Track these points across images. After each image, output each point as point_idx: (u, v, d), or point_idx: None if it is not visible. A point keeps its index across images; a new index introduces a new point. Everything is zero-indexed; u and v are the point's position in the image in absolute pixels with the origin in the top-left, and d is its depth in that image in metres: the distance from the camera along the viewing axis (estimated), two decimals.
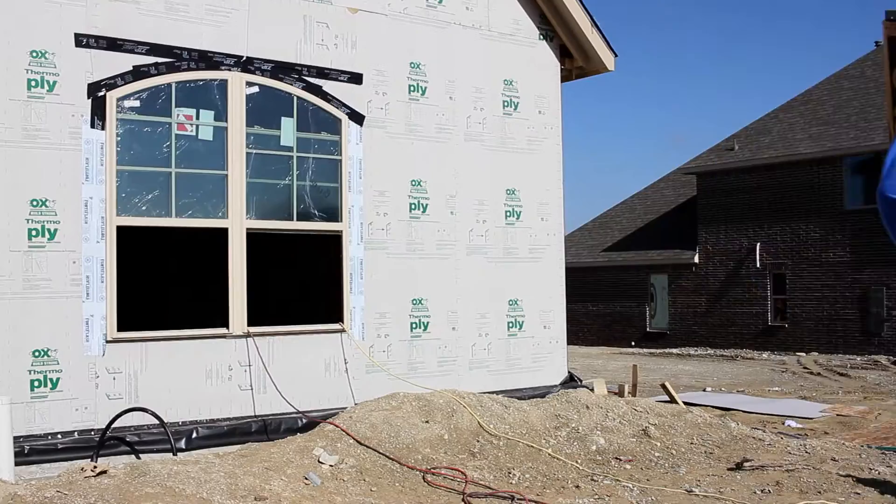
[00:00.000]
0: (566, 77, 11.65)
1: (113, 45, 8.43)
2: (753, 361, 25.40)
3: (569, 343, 11.57)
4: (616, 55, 11.48)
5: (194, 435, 8.55)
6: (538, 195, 11.08)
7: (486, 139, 10.69)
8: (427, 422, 8.80)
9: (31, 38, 8.06)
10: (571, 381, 11.25)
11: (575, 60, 11.48)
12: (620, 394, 13.21)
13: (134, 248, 9.80)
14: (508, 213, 10.82)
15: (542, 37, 11.21)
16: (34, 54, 8.08)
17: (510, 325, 10.75)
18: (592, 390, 11.23)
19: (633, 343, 32.01)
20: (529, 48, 11.11)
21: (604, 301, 33.24)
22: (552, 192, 11.23)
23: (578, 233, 36.33)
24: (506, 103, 10.87)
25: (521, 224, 10.92)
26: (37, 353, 7.99)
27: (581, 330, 32.49)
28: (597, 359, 26.07)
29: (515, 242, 10.86)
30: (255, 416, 8.94)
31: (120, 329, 8.40)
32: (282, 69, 9.29)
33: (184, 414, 8.59)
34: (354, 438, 8.33)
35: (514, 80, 10.93)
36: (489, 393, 9.98)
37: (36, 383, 7.99)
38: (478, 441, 8.77)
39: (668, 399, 13.15)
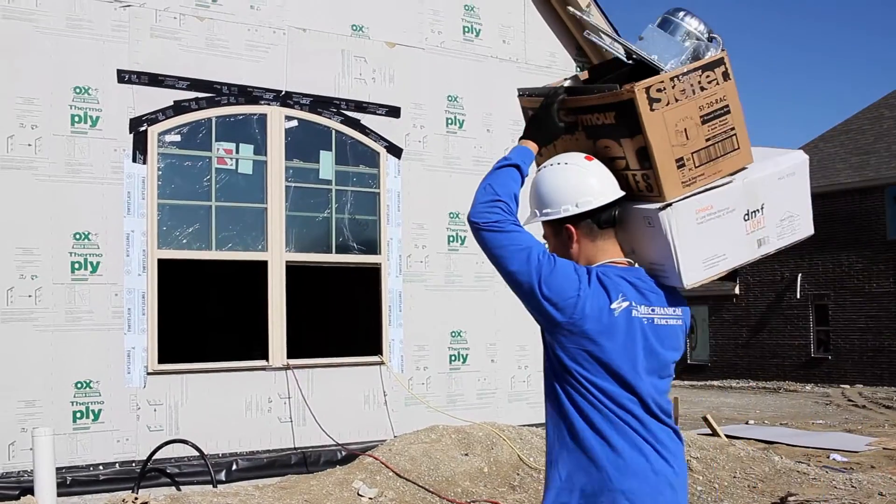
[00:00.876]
0: None
1: (154, 80, 8.55)
2: (796, 394, 25.11)
3: None
4: None
5: (234, 467, 8.57)
6: None
7: None
8: (466, 454, 8.77)
9: (74, 74, 8.21)
10: None
11: None
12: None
13: (174, 280, 9.89)
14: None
15: (579, 69, 11.23)
16: (77, 90, 8.21)
17: None
18: None
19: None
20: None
21: None
22: None
23: None
24: None
25: None
26: (79, 385, 8.06)
27: None
28: None
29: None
30: (295, 449, 8.94)
31: (161, 361, 8.46)
32: (320, 103, 9.38)
33: (224, 446, 8.62)
34: (394, 471, 8.30)
35: None
36: (529, 426, 9.93)
37: (78, 415, 8.06)
38: (517, 474, 8.72)
39: (710, 432, 13.00)
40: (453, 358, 10.02)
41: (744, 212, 3.43)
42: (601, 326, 3.16)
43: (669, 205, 3.29)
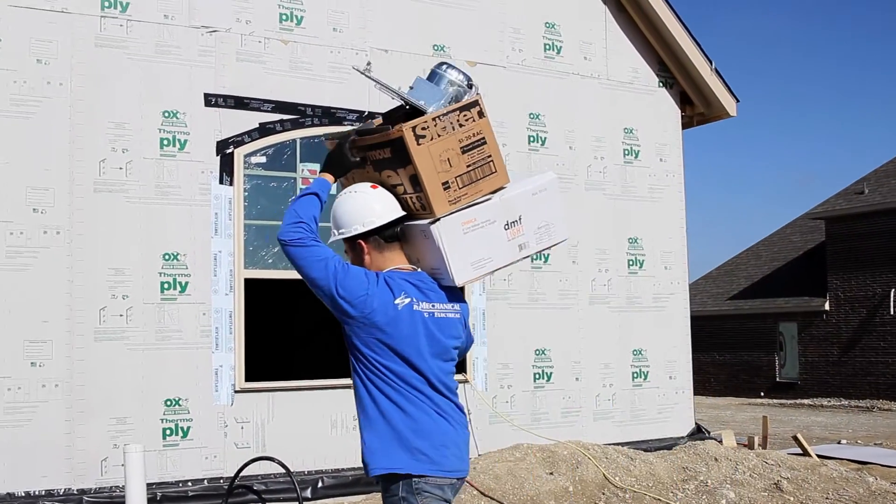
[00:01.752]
0: (687, 123, 11.55)
1: (240, 103, 8.71)
2: (891, 413, 24.44)
3: (695, 393, 11.34)
4: (738, 100, 11.33)
5: (320, 484, 8.64)
6: (661, 243, 10.96)
7: (607, 188, 10.64)
8: (551, 473, 8.72)
9: (163, 98, 8.40)
10: (699, 433, 11.01)
11: (695, 106, 11.37)
12: (750, 446, 12.84)
13: (260, 299, 10.03)
14: (631, 262, 10.71)
15: (661, 84, 11.15)
16: (166, 114, 8.40)
17: (634, 375, 10.60)
18: (721, 442, 10.97)
19: (761, 394, 31.15)
20: (649, 96, 11.06)
21: (730, 350, 32.48)
22: (675, 240, 11.09)
23: (703, 281, 35.68)
24: (626, 151, 10.82)
25: (644, 273, 10.80)
26: (168, 403, 8.22)
27: (707, 380, 31.79)
28: (724, 410, 25.45)
29: (639, 291, 10.73)
30: None
31: (248, 379, 8.58)
32: None
33: (309, 463, 8.70)
34: (478, 490, 8.29)
35: (634, 129, 10.88)
36: (614, 444, 9.83)
37: (168, 432, 8.21)
38: (603, 493, 8.63)
39: (801, 452, 12.72)
40: (537, 376, 9.97)
41: (504, 223, 4.19)
42: (387, 319, 3.91)
43: (439, 219, 4.03)
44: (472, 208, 4.12)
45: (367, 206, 4.10)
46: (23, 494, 7.63)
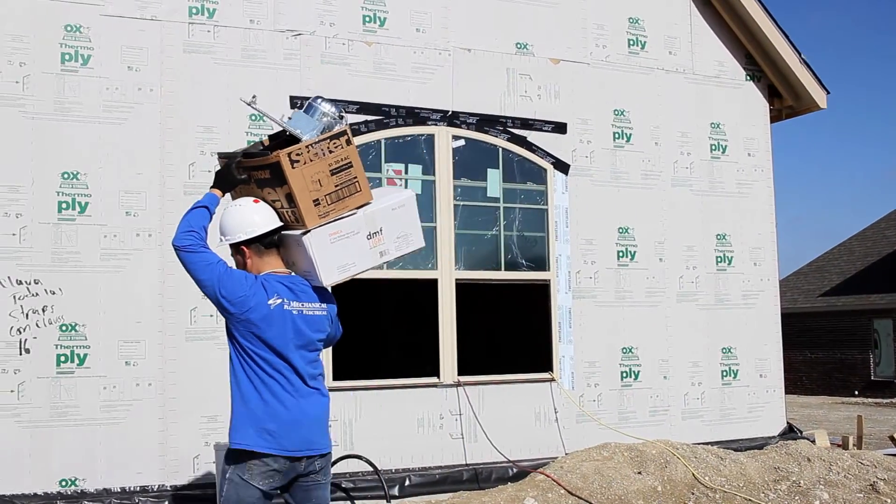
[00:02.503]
0: (775, 117, 11.33)
1: None
2: None
3: (786, 392, 11.12)
4: (828, 92, 11.08)
5: (407, 483, 8.69)
6: (750, 239, 10.78)
7: (694, 184, 10.50)
8: (639, 473, 8.64)
9: None
10: (790, 432, 10.80)
11: (784, 100, 11.15)
12: (844, 446, 12.56)
13: (346, 299, 10.10)
14: (719, 259, 10.56)
15: (748, 77, 10.96)
16: (253, 118, 8.53)
17: (724, 373, 10.45)
18: (813, 442, 10.75)
19: (855, 392, 30.44)
20: (735, 90, 10.88)
21: (822, 348, 31.80)
22: (764, 235, 10.90)
23: (793, 277, 35.00)
24: (713, 147, 10.66)
25: (732, 270, 10.63)
26: None
27: (799, 379, 31.17)
28: (817, 409, 24.93)
29: (727, 288, 10.57)
30: (466, 465, 9.00)
31: (336, 378, 8.67)
32: (486, 122, 9.45)
33: (396, 462, 8.75)
34: (565, 489, 8.25)
35: (721, 123, 10.72)
36: (703, 444, 9.70)
37: None
38: (692, 493, 8.52)
39: None
40: (624, 374, 9.89)
41: (367, 233, 4.96)
42: (261, 316, 4.65)
43: (310, 231, 4.78)
44: (339, 221, 4.88)
45: (249, 217, 4.84)
46: (119, 490, 7.82)
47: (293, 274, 4.95)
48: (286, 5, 8.75)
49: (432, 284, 9.16)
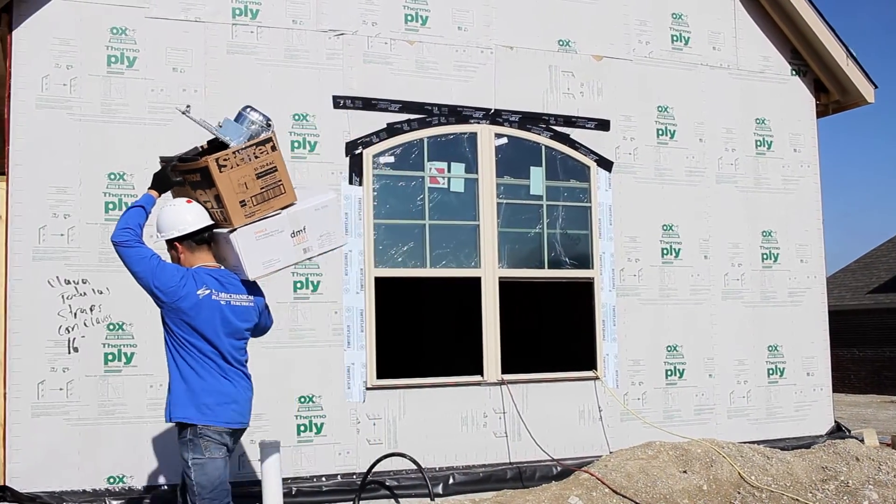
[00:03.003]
0: (822, 112, 11.20)
1: (368, 104, 8.83)
2: None
3: (834, 391, 10.99)
4: (875, 86, 10.92)
5: (451, 481, 8.70)
6: (796, 236, 10.66)
7: (739, 180, 10.40)
8: (685, 472, 8.58)
9: (293, 102, 8.58)
10: (838, 431, 10.67)
11: (831, 94, 11.01)
12: (894, 445, 12.39)
13: (389, 297, 10.16)
14: (765, 256, 10.45)
15: (794, 72, 10.84)
16: (296, 117, 8.58)
17: (770, 371, 10.34)
18: (862, 441, 10.61)
19: None
20: (781, 84, 10.76)
21: (871, 346, 31.37)
22: (811, 232, 10.77)
23: (840, 274, 34.56)
24: (758, 143, 10.56)
25: (778, 267, 10.52)
26: (302, 400, 8.39)
27: (847, 377, 30.78)
28: (865, 408, 24.60)
29: (773, 286, 10.47)
30: (510, 463, 8.99)
31: (379, 377, 8.70)
32: (529, 119, 9.43)
33: (440, 460, 8.76)
34: (610, 487, 8.22)
35: (766, 119, 10.61)
36: (749, 443, 9.62)
37: (302, 428, 8.38)
38: (738, 493, 8.45)
39: None
40: (669, 373, 9.83)
41: (290, 231, 5.51)
42: (191, 305, 5.24)
43: (236, 229, 5.36)
44: (264, 221, 5.44)
45: (181, 216, 5.41)
46: (166, 487, 7.90)
47: (222, 268, 5.54)
48: (328, 5, 8.79)
49: (475, 283, 9.16)
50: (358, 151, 8.77)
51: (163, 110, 8.13)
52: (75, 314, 7.82)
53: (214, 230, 5.53)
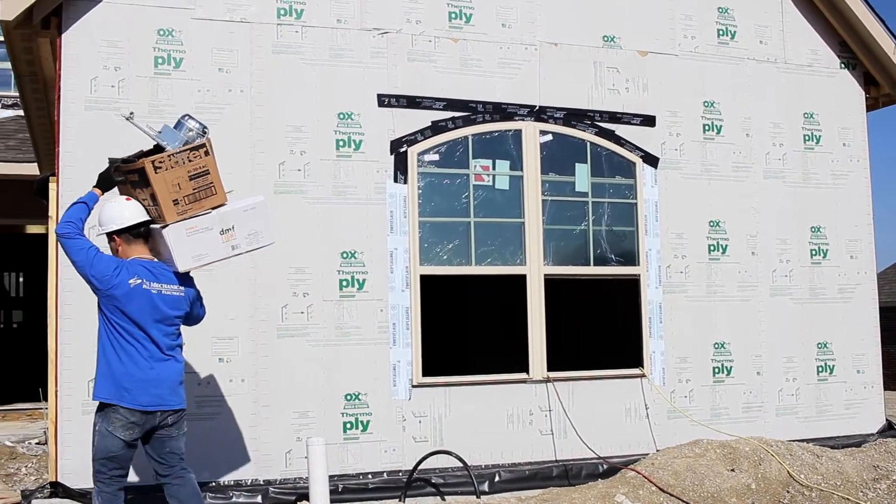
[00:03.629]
0: (871, 105, 11.04)
1: (412, 102, 8.84)
2: None
3: (885, 388, 10.83)
4: None
5: (497, 478, 8.69)
6: (846, 232, 10.52)
7: (787, 176, 10.29)
8: (732, 470, 8.51)
9: (338, 101, 8.62)
10: (890, 430, 10.52)
11: (881, 87, 10.84)
12: None
13: (434, 295, 10.17)
14: (814, 252, 10.33)
15: (843, 65, 10.69)
16: (341, 116, 8.62)
17: (819, 369, 10.22)
18: None
19: None
20: (829, 78, 10.62)
21: None
22: (861, 227, 10.63)
23: (892, 270, 34.09)
24: (806, 137, 10.43)
25: (827, 263, 10.39)
26: (348, 397, 8.43)
27: None
28: None
29: (822, 282, 10.34)
30: (556, 461, 8.97)
31: (425, 374, 8.72)
32: (574, 116, 9.39)
33: (486, 457, 8.76)
34: (657, 486, 8.17)
35: (814, 113, 10.48)
36: (798, 441, 9.52)
37: (348, 425, 8.42)
38: (787, 492, 8.37)
39: None
40: (717, 370, 9.75)
41: (220, 230, 6.07)
42: (123, 293, 5.81)
43: (168, 225, 5.94)
44: (195, 219, 6.00)
45: (119, 212, 6.01)
46: (213, 484, 7.98)
47: (155, 260, 6.10)
48: (372, 4, 8.81)
49: (520, 280, 9.14)
50: (403, 149, 8.79)
51: (209, 110, 8.20)
52: None
53: (151, 226, 6.08)
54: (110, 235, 6.07)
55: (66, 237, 5.86)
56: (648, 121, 9.69)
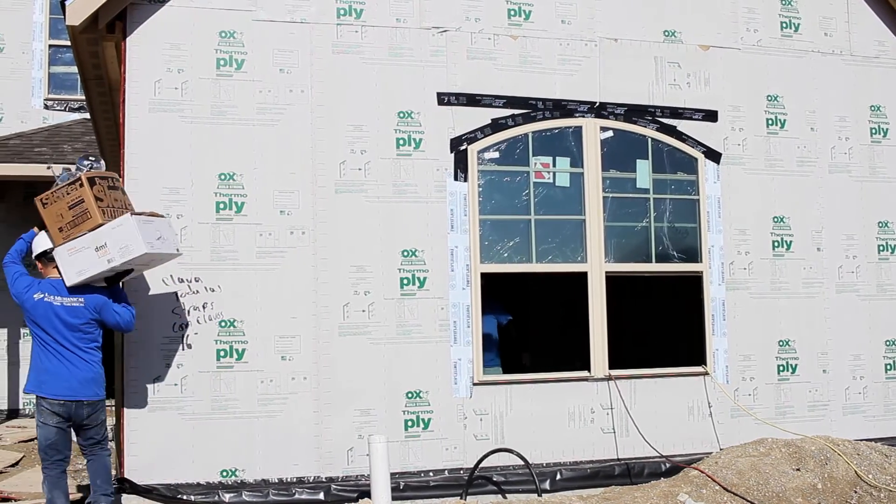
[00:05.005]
0: None
1: (472, 100, 8.84)
2: None
3: None
4: None
5: (558, 477, 8.67)
6: None
7: (853, 170, 10.11)
8: (798, 469, 8.40)
9: (397, 100, 8.65)
10: None
11: None
12: None
13: (494, 293, 10.16)
14: (881, 248, 10.14)
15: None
16: (401, 115, 8.64)
17: (888, 367, 10.03)
18: None
19: None
20: None
21: None
22: None
23: None
24: (873, 130, 10.24)
25: None
26: (410, 395, 8.46)
27: None
28: None
29: (891, 278, 10.14)
30: (618, 460, 8.92)
31: (486, 372, 8.71)
32: (635, 112, 9.32)
33: (547, 456, 8.74)
34: (720, 485, 8.09)
35: (881, 106, 10.28)
36: (865, 440, 9.36)
37: (409, 423, 8.46)
38: (855, 492, 8.23)
39: None
40: (781, 368, 9.62)
41: (94, 247, 7.06)
42: (31, 306, 7.13)
43: (55, 248, 7.19)
44: (75, 240, 7.09)
45: (37, 242, 7.35)
46: (276, 481, 8.06)
47: (61, 278, 7.19)
48: (432, 3, 8.82)
49: (581, 277, 9.10)
50: (463, 148, 8.79)
51: (270, 111, 8.28)
52: (188, 311, 8.03)
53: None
54: (35, 260, 7.38)
55: (4, 265, 7.32)
56: (710, 116, 9.58)
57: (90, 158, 7.44)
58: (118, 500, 7.72)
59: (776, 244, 9.72)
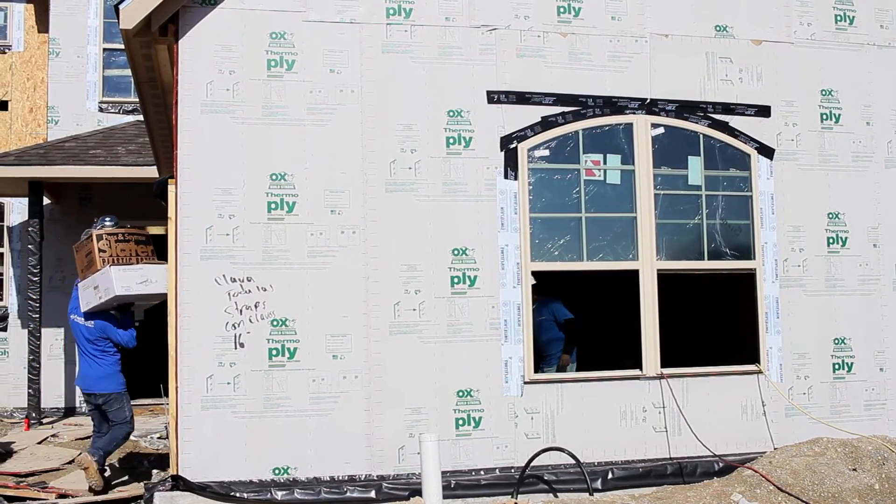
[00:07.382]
0: None
1: (521, 98, 8.82)
2: None
3: None
4: None
5: (610, 476, 8.63)
6: None
7: None
8: (854, 470, 8.28)
9: (447, 98, 8.65)
10: None
11: None
12: None
13: (544, 291, 10.13)
14: None
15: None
16: (451, 113, 8.65)
17: None
18: None
19: None
20: None
21: None
22: None
23: None
24: None
25: None
26: (460, 394, 8.47)
27: None
28: None
29: None
30: (670, 459, 8.86)
31: (536, 370, 8.69)
32: (686, 108, 9.25)
33: (598, 455, 8.70)
34: (775, 485, 8.01)
35: None
36: None
37: (460, 422, 8.46)
38: None
39: None
40: (837, 366, 9.48)
41: (93, 287, 9.44)
42: (72, 324, 10.00)
43: (77, 284, 9.85)
44: (86, 280, 9.53)
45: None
46: (328, 479, 8.10)
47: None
48: (481, 1, 8.82)
49: (632, 275, 9.05)
50: (513, 146, 8.78)
51: (321, 111, 8.33)
52: (241, 311, 8.10)
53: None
54: None
55: (75, 286, 9.95)
56: (763, 111, 9.48)
57: (106, 219, 9.70)
58: (171, 498, 7.82)
59: (831, 241, 9.59)
